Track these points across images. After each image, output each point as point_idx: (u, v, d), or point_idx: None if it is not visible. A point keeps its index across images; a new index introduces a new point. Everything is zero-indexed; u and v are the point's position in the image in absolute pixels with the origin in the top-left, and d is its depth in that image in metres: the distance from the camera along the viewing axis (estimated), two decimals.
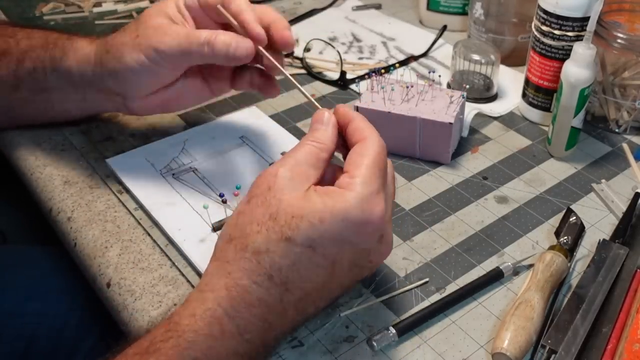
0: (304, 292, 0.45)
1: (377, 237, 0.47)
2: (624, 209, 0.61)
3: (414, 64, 0.87)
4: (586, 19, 0.65)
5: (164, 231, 0.59)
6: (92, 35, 0.65)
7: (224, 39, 0.56)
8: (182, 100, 0.65)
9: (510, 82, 0.82)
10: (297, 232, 0.44)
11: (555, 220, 0.61)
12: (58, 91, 0.64)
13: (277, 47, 0.58)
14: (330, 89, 0.81)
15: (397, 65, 0.85)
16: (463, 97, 0.68)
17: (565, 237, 0.58)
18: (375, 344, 0.49)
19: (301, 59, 0.84)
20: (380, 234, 0.47)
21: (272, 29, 0.57)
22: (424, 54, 0.88)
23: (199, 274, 0.55)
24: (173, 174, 0.65)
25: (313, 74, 0.83)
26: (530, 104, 0.75)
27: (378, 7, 1.01)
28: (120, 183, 0.64)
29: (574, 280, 0.56)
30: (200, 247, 0.57)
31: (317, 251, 0.44)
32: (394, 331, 0.50)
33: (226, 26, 0.59)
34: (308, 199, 0.45)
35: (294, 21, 0.95)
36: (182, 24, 0.59)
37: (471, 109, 0.73)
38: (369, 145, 0.47)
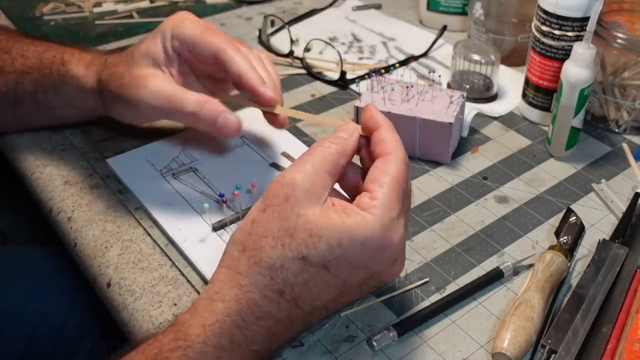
0: (313, 307, 0.46)
1: (392, 261, 0.47)
2: (624, 209, 0.61)
3: (414, 64, 0.87)
4: (586, 19, 0.65)
5: (164, 231, 0.59)
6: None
7: (210, 112, 0.55)
8: None
9: (510, 82, 0.82)
10: (314, 251, 0.43)
11: (555, 220, 0.61)
12: (61, 108, 0.66)
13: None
14: (330, 89, 0.81)
15: (397, 65, 0.85)
16: (463, 97, 0.68)
17: (565, 237, 0.58)
18: (375, 344, 0.49)
19: (301, 59, 0.84)
20: (394, 258, 0.47)
21: (246, 90, 0.56)
22: (424, 54, 0.88)
23: (199, 274, 0.55)
24: (173, 174, 0.65)
25: (313, 74, 0.83)
26: (530, 104, 0.75)
27: (378, 7, 1.01)
28: (121, 183, 0.64)
29: (574, 280, 0.56)
30: (200, 247, 0.57)
31: (331, 272, 0.44)
32: (394, 331, 0.50)
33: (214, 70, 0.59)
34: (326, 216, 0.44)
35: (294, 21, 0.95)
36: (167, 70, 0.58)
37: (471, 109, 0.73)
38: (392, 162, 0.46)
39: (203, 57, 0.57)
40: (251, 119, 0.73)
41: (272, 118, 0.60)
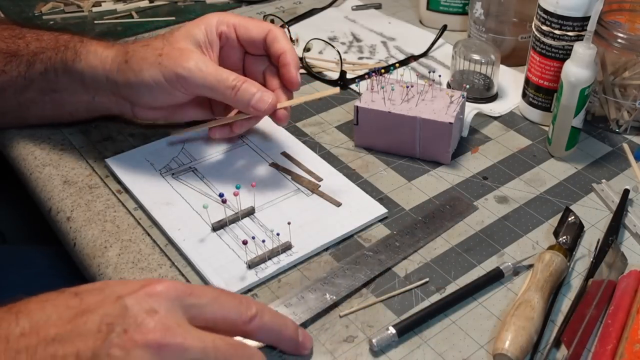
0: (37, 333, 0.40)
1: (146, 304, 0.40)
2: None
3: (414, 64, 0.87)
4: (586, 19, 0.65)
5: (164, 231, 0.59)
6: (90, 34, 0.65)
7: (249, 88, 0.58)
8: (185, 115, 0.66)
9: (510, 82, 0.82)
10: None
11: (556, 220, 0.61)
12: (68, 92, 0.64)
13: (282, 82, 0.62)
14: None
15: (397, 65, 0.85)
16: (463, 97, 0.68)
17: (564, 237, 0.58)
18: (375, 344, 0.49)
19: (301, 59, 0.84)
20: (152, 304, 0.40)
21: (282, 66, 0.61)
22: (424, 54, 0.88)
23: (198, 274, 0.55)
24: (173, 174, 0.65)
25: (313, 74, 0.83)
26: (531, 103, 0.74)
27: (378, 6, 1.01)
28: (120, 183, 0.64)
29: (575, 280, 0.55)
30: (199, 247, 0.57)
31: (79, 295, 0.41)
32: (394, 331, 0.50)
33: (249, 63, 0.65)
34: None
35: (293, 21, 0.95)
36: (207, 53, 0.61)
37: (471, 109, 0.73)
38: None
39: (251, 36, 0.62)
40: None
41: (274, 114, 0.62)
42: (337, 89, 0.63)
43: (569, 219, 0.60)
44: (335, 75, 0.82)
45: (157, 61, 0.58)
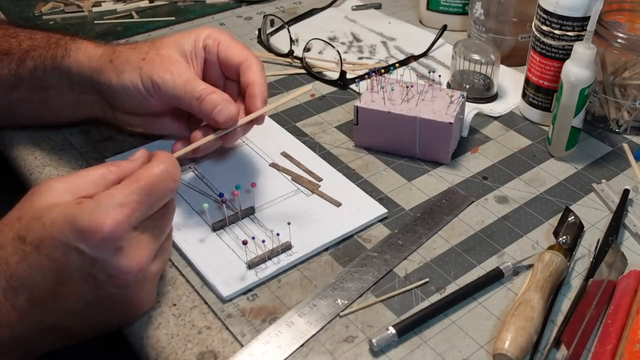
0: (31, 293, 0.45)
1: (109, 247, 0.44)
2: None
3: (414, 64, 0.87)
4: (586, 19, 0.65)
5: None
6: (91, 35, 0.65)
7: (213, 99, 0.57)
8: (162, 127, 0.65)
9: (510, 82, 0.82)
10: (29, 232, 0.45)
11: (556, 220, 0.61)
12: (55, 90, 0.64)
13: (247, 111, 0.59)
14: (330, 88, 0.81)
15: (397, 65, 0.85)
16: (463, 97, 0.68)
17: (564, 237, 0.58)
18: (375, 344, 0.49)
19: (301, 59, 0.84)
20: (114, 245, 0.45)
21: (248, 97, 0.59)
22: (424, 54, 0.88)
23: (198, 274, 0.55)
24: None
25: (313, 74, 0.83)
26: (531, 103, 0.75)
27: (378, 6, 1.01)
28: None
29: (575, 280, 0.55)
30: (199, 247, 0.57)
31: (41, 251, 0.44)
32: (394, 331, 0.50)
33: (227, 85, 0.63)
34: (57, 205, 0.45)
35: (293, 21, 0.95)
36: (191, 62, 0.61)
37: (471, 109, 0.73)
38: (144, 170, 0.48)
39: (229, 57, 0.61)
40: None
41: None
42: (307, 87, 0.61)
43: (569, 219, 0.60)
44: (335, 75, 0.82)
45: (138, 65, 0.58)
